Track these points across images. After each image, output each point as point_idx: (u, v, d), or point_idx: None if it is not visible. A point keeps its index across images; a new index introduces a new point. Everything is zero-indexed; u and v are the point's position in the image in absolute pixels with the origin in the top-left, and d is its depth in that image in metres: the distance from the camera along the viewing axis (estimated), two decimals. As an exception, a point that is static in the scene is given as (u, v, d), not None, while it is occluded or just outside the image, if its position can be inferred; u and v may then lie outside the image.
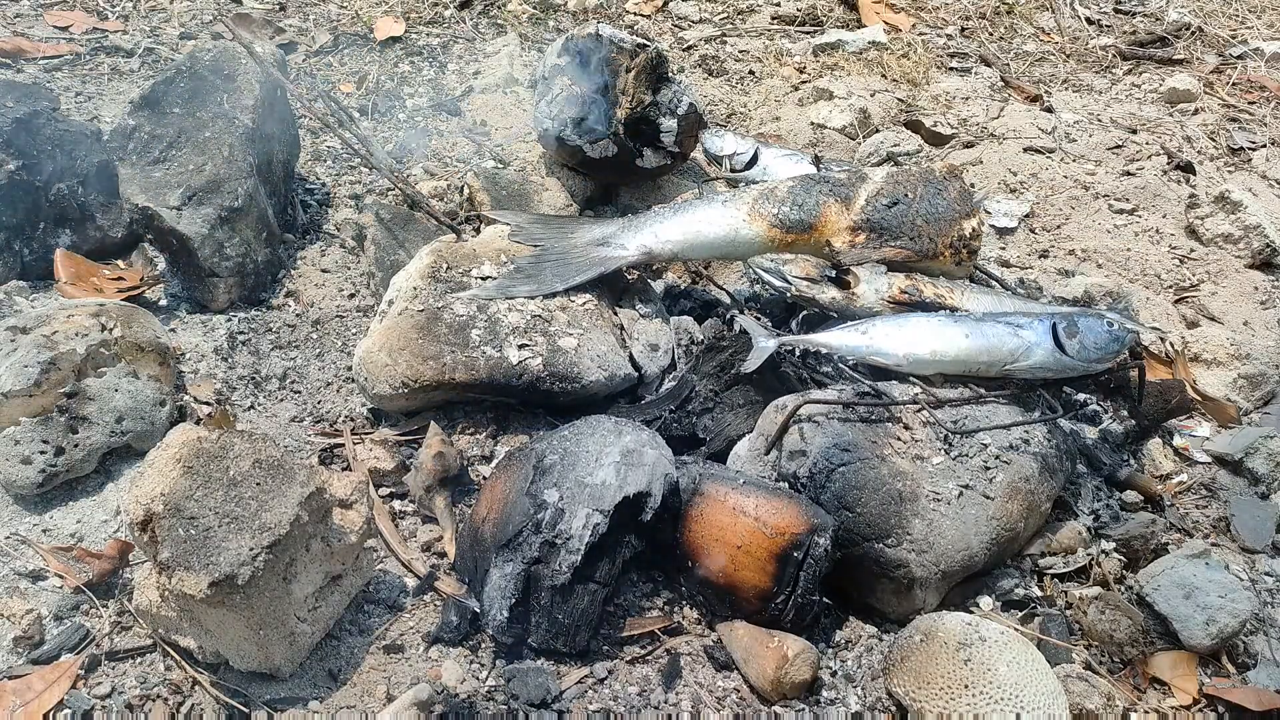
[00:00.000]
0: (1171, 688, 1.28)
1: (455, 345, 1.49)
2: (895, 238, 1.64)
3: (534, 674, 1.18)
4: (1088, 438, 1.60)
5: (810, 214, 1.66)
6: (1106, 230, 2.17)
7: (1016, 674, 1.12)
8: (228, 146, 1.77)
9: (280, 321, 1.75)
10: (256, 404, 1.60)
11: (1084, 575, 1.42)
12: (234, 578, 1.05)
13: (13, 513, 1.36)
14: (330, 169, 2.17)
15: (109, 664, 1.19)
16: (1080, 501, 1.51)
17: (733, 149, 2.13)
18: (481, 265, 1.64)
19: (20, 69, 2.27)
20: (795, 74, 2.72)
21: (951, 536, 1.30)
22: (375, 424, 1.57)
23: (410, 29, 2.67)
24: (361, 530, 1.22)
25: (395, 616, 1.27)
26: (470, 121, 2.31)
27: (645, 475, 1.24)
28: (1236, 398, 1.74)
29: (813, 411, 1.41)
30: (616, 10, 2.94)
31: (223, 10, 2.62)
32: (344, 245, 1.93)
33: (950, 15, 3.15)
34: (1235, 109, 2.67)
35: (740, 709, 1.19)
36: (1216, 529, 1.54)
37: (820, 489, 1.34)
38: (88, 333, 1.43)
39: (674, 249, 1.67)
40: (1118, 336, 1.51)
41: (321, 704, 1.15)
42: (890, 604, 1.32)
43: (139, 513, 1.09)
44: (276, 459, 1.15)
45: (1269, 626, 1.38)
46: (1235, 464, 1.62)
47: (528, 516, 1.21)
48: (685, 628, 1.29)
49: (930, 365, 1.48)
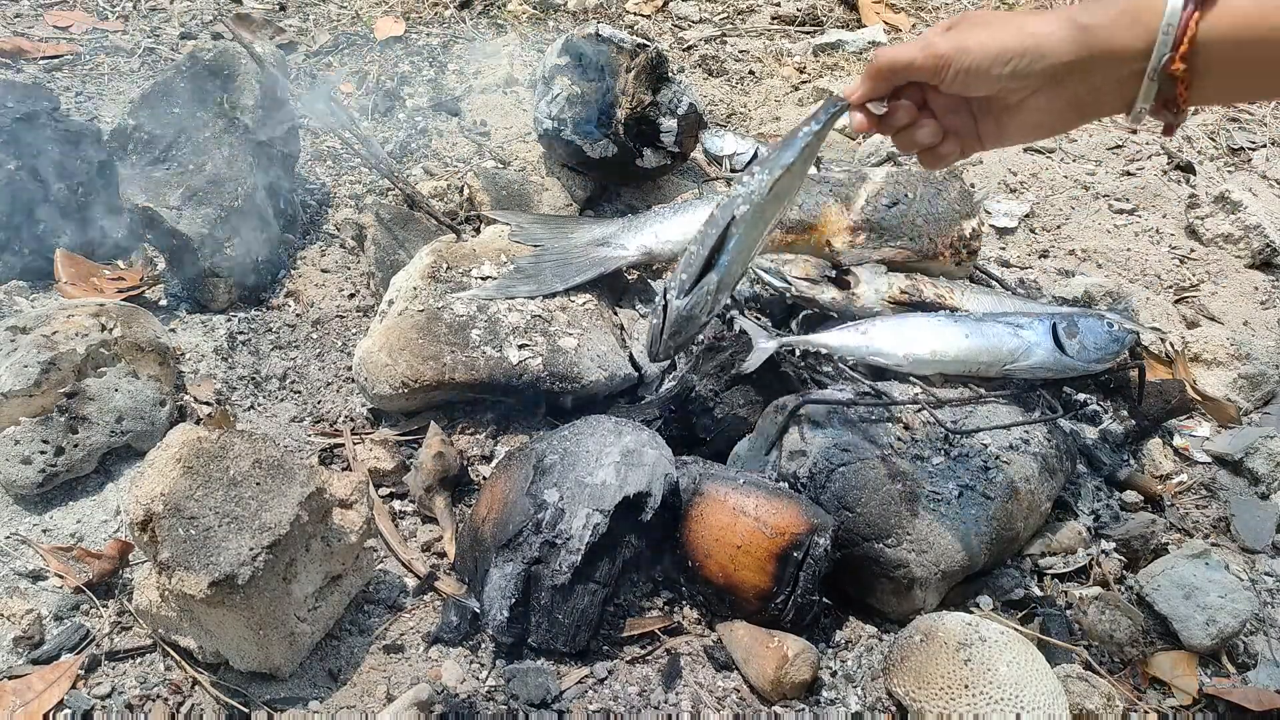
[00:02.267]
0: (1171, 688, 1.28)
1: (455, 345, 1.49)
2: (895, 238, 1.65)
3: (534, 674, 1.18)
4: (1088, 438, 1.60)
5: (810, 214, 1.66)
6: (1106, 230, 2.18)
7: (1016, 674, 1.12)
8: (228, 146, 1.77)
9: (280, 321, 1.75)
10: (256, 404, 1.60)
11: (1084, 575, 1.42)
12: (234, 578, 1.05)
13: (13, 513, 1.36)
14: (330, 169, 2.17)
15: (109, 664, 1.19)
16: (1080, 501, 1.51)
17: (733, 149, 2.13)
18: (481, 265, 1.64)
19: (20, 69, 2.27)
20: (795, 74, 2.72)
21: (951, 536, 1.30)
22: (375, 424, 1.57)
23: (410, 29, 2.67)
24: (361, 530, 1.22)
25: (395, 616, 1.27)
26: (470, 121, 2.30)
27: (645, 475, 1.24)
28: (1236, 398, 1.74)
29: (813, 411, 1.41)
30: (616, 10, 2.94)
31: (223, 10, 2.62)
32: (344, 245, 1.93)
33: (950, 15, 3.15)
34: (1235, 109, 2.66)
35: (740, 709, 1.19)
36: (1216, 529, 1.54)
37: (820, 489, 1.34)
38: (88, 333, 1.43)
39: (674, 249, 1.67)
40: (1118, 337, 1.51)
41: (321, 704, 1.15)
42: (890, 604, 1.32)
43: (139, 513, 1.09)
44: (276, 459, 1.15)
45: (1269, 626, 1.38)
46: (1235, 464, 1.62)
47: (528, 516, 1.21)
48: (685, 628, 1.29)
49: (930, 365, 1.48)
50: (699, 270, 1.13)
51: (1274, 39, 0.80)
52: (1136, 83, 0.86)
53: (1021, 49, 0.89)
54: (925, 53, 0.93)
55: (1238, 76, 0.85)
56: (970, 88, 0.93)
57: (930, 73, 0.94)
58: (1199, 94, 0.85)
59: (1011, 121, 0.95)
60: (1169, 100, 0.86)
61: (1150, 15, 0.83)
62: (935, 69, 0.93)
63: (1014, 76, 0.90)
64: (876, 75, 0.98)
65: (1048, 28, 0.88)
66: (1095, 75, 0.88)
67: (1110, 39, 0.85)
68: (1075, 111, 0.93)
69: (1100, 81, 0.88)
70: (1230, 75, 0.84)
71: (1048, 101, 0.92)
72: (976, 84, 0.93)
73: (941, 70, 0.93)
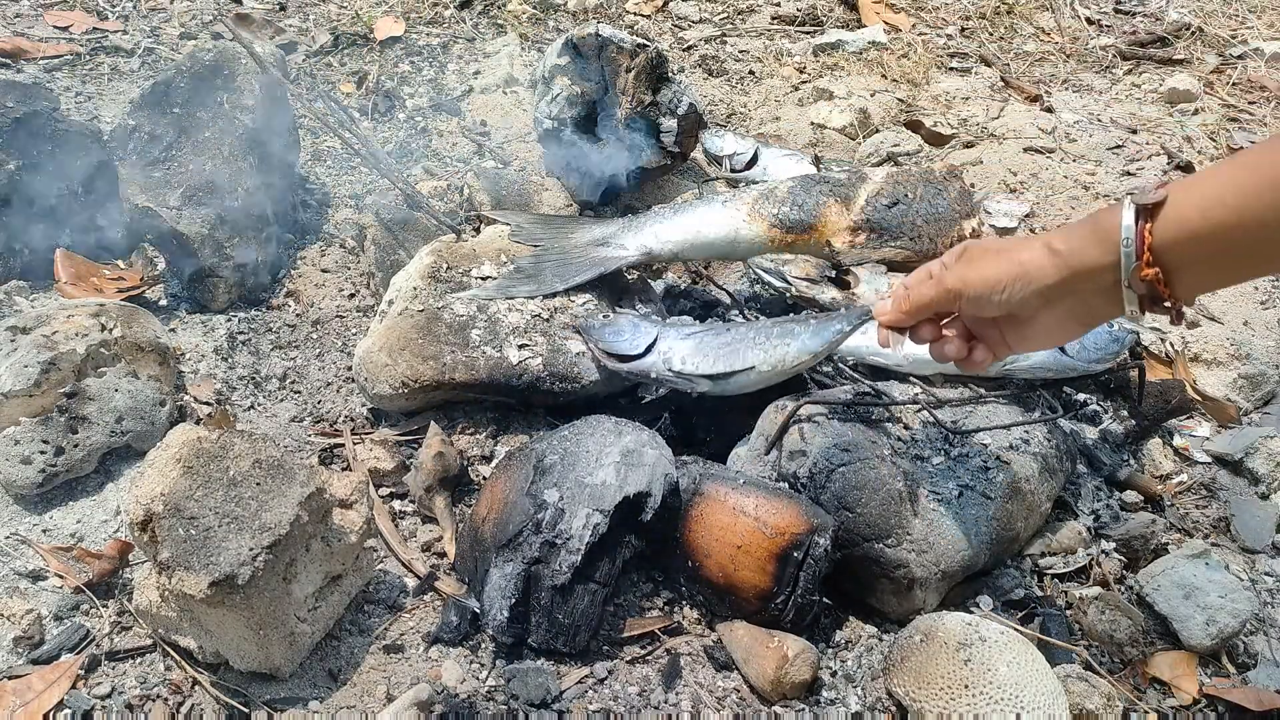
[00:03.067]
0: (1171, 688, 1.28)
1: (455, 345, 1.49)
2: (895, 238, 1.65)
3: (534, 674, 1.18)
4: (1088, 438, 1.60)
5: (810, 214, 1.66)
6: (1106, 230, 2.17)
7: (1016, 674, 1.12)
8: (228, 146, 1.77)
9: (280, 321, 1.75)
10: (256, 404, 1.60)
11: (1084, 575, 1.42)
12: (234, 578, 1.05)
13: (13, 513, 1.36)
14: (330, 169, 2.17)
15: (109, 664, 1.19)
16: (1080, 501, 1.51)
17: (733, 149, 2.13)
18: (481, 265, 1.64)
19: (20, 69, 2.27)
20: (795, 74, 2.72)
21: (951, 536, 1.30)
22: (375, 424, 1.57)
23: (410, 29, 2.67)
24: (361, 530, 1.22)
25: (395, 616, 1.27)
26: (470, 121, 2.30)
27: (645, 475, 1.24)
28: (1236, 398, 1.74)
29: (813, 411, 1.41)
30: (616, 10, 2.94)
31: (223, 10, 2.62)
32: (344, 245, 1.93)
33: (950, 15, 3.15)
34: (1235, 109, 2.66)
35: (740, 709, 1.19)
36: (1216, 529, 1.54)
37: (820, 489, 1.34)
38: (88, 333, 1.43)
39: (674, 249, 1.67)
40: (1118, 337, 1.51)
41: (321, 704, 1.15)
42: (890, 604, 1.32)
43: (139, 513, 1.09)
44: (276, 459, 1.15)
45: (1269, 626, 1.38)
46: (1235, 464, 1.62)
47: (528, 516, 1.21)
48: (685, 628, 1.28)
49: (930, 365, 1.48)
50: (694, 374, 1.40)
51: (1223, 234, 0.84)
52: (1119, 291, 0.92)
53: (1011, 277, 0.98)
54: (938, 289, 1.06)
55: (1211, 268, 0.89)
56: (983, 311, 1.04)
57: (947, 305, 1.07)
58: (1183, 288, 0.89)
59: (1029, 331, 1.04)
60: (1154, 298, 0.91)
61: (1111, 231, 0.90)
62: (950, 301, 1.06)
63: (1011, 302, 1.00)
64: (904, 312, 1.11)
65: (1031, 255, 0.97)
66: (1080, 292, 0.95)
67: (1082, 259, 0.93)
68: (1077, 322, 1.00)
69: (1088, 295, 0.95)
70: (1204, 267, 0.88)
71: (1050, 317, 1.00)
72: (985, 309, 1.03)
73: (954, 302, 1.06)
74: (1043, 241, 0.97)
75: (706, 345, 1.42)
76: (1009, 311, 1.01)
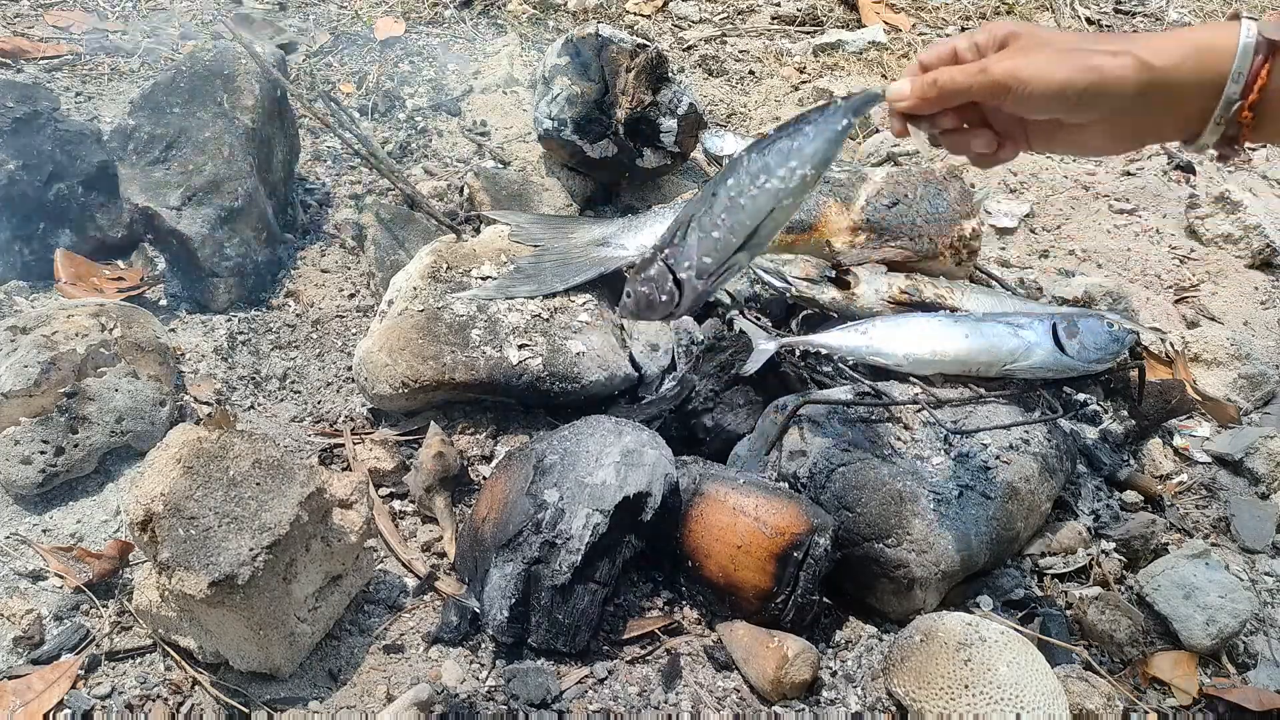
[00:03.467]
0: (1171, 688, 1.28)
1: (455, 345, 1.49)
2: (895, 238, 1.65)
3: (534, 674, 1.18)
4: (1088, 438, 1.60)
5: (810, 214, 1.66)
6: (1106, 230, 2.18)
7: (1016, 674, 1.12)
8: (228, 146, 1.77)
9: (280, 321, 1.75)
10: (256, 404, 1.60)
11: (1084, 575, 1.42)
12: (234, 578, 1.05)
13: (13, 513, 1.36)
14: (330, 169, 2.16)
15: (109, 664, 1.19)
16: (1080, 501, 1.51)
17: (733, 149, 2.13)
18: (481, 265, 1.64)
19: (20, 69, 2.27)
20: (795, 74, 2.72)
21: (951, 536, 1.30)
22: (375, 424, 1.57)
23: (410, 29, 2.67)
24: (361, 530, 1.22)
25: (395, 616, 1.27)
26: (470, 121, 2.30)
27: (645, 475, 1.24)
28: (1236, 398, 1.74)
29: (813, 411, 1.41)
30: (616, 10, 2.94)
31: (223, 10, 2.62)
32: (344, 245, 1.93)
33: (950, 15, 3.15)
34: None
35: (740, 709, 1.19)
36: (1216, 529, 1.54)
37: (820, 489, 1.34)
38: (88, 333, 1.43)
39: (674, 249, 1.67)
40: (1118, 337, 1.51)
41: (321, 704, 1.15)
42: (890, 604, 1.32)
43: (139, 513, 1.09)
44: (276, 459, 1.15)
45: (1269, 626, 1.38)
46: (1235, 464, 1.62)
47: (528, 516, 1.21)
48: (685, 628, 1.29)
49: (930, 365, 1.48)
50: (727, 256, 1.10)
51: None
52: (1199, 119, 0.86)
53: (1085, 85, 0.86)
54: (981, 79, 0.90)
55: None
56: (1029, 113, 0.92)
57: (988, 97, 0.91)
58: (1259, 135, 0.86)
59: (1066, 137, 0.94)
60: (1231, 139, 0.87)
61: (1217, 60, 0.82)
62: (994, 94, 0.90)
63: (1077, 111, 0.89)
64: (927, 94, 0.94)
65: (1112, 62, 0.85)
66: (1157, 111, 0.87)
67: (1179, 82, 0.85)
68: (1134, 137, 0.92)
69: (1162, 115, 0.88)
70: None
71: (1109, 128, 0.90)
72: (1035, 112, 0.91)
73: (1000, 96, 0.90)
74: (1130, 48, 0.85)
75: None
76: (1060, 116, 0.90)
